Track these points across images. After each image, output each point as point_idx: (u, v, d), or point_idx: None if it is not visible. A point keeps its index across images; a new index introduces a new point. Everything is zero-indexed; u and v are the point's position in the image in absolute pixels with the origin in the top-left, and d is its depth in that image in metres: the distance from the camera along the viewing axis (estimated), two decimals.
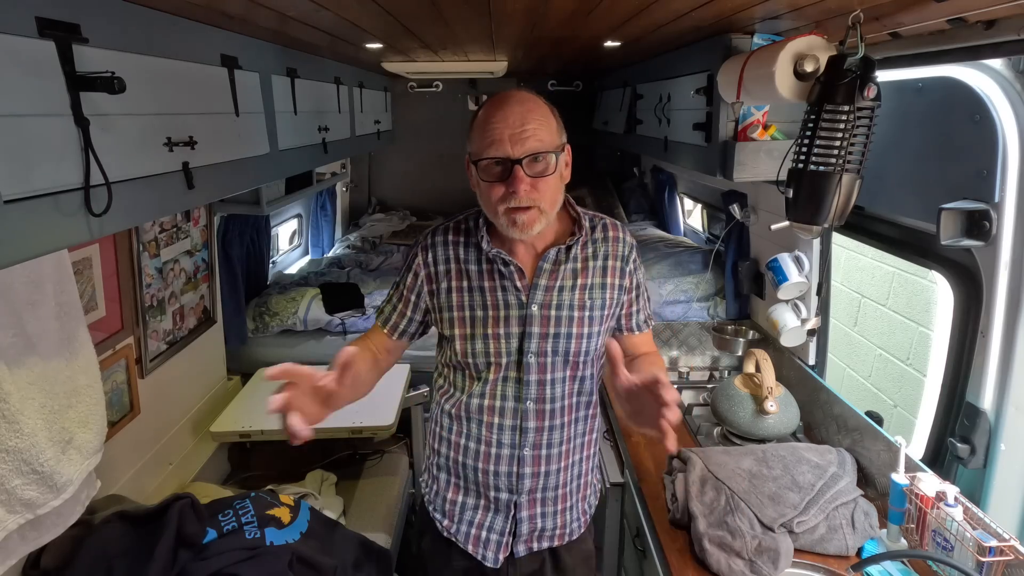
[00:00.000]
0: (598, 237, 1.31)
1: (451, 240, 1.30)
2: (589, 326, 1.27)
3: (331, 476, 2.22)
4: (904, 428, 2.21)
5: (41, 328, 1.26)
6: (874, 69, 1.19)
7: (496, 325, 1.25)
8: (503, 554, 1.33)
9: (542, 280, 1.25)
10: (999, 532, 1.22)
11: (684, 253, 2.91)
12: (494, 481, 1.31)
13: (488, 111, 1.17)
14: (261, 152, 1.61)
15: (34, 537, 1.26)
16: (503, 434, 1.29)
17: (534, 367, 1.26)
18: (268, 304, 2.65)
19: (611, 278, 1.30)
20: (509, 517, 1.32)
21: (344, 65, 2.49)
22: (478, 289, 1.26)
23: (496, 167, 1.15)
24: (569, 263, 1.27)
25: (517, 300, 1.25)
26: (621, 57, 2.50)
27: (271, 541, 1.50)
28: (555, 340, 1.25)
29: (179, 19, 1.22)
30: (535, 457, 1.30)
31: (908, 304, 2.26)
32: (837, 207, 1.26)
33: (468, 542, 1.34)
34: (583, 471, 1.38)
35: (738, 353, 2.41)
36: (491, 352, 1.26)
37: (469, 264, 1.28)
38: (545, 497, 1.33)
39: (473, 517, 1.35)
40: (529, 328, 1.25)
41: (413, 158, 4.11)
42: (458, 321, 1.27)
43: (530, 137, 1.13)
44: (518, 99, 1.17)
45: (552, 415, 1.29)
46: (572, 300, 1.26)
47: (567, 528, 1.37)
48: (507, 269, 1.25)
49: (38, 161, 0.84)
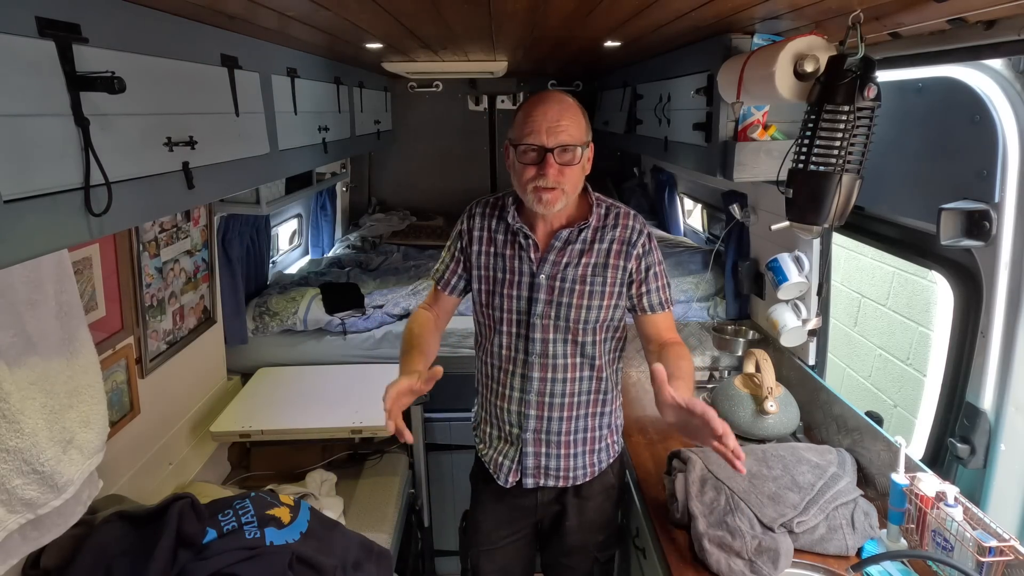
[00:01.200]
0: (609, 223, 1.50)
1: (487, 212, 1.56)
2: (588, 299, 1.48)
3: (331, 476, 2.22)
4: (904, 428, 2.21)
5: (41, 328, 1.26)
6: (874, 69, 1.19)
7: (511, 287, 1.51)
8: (513, 478, 1.59)
9: (551, 255, 1.48)
10: (999, 532, 1.22)
11: (684, 253, 2.91)
12: (507, 417, 1.57)
13: (532, 104, 1.40)
14: (261, 152, 1.61)
15: (35, 537, 1.26)
16: (514, 379, 1.55)
17: (538, 327, 1.49)
18: (268, 304, 2.65)
19: (615, 259, 1.48)
20: (518, 449, 1.57)
21: (344, 65, 2.49)
22: (501, 255, 1.53)
23: (532, 152, 1.38)
24: (578, 243, 1.49)
25: (529, 269, 1.49)
26: (621, 57, 2.50)
27: (271, 541, 1.50)
28: (557, 307, 1.48)
29: (179, 19, 1.22)
30: (539, 403, 1.53)
31: (908, 304, 2.26)
32: (837, 207, 1.26)
33: (490, 464, 1.63)
34: (589, 427, 1.58)
35: (738, 353, 2.41)
36: (504, 308, 1.52)
37: (498, 234, 1.53)
38: (548, 439, 1.56)
39: (496, 444, 1.63)
40: (536, 294, 1.48)
41: (413, 158, 4.11)
42: (484, 279, 1.55)
43: (563, 132, 1.36)
44: (557, 99, 1.40)
45: (554, 369, 1.52)
46: (575, 275, 1.48)
47: (571, 473, 1.58)
48: (526, 242, 1.49)
49: (38, 161, 0.84)
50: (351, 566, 1.65)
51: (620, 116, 2.86)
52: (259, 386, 2.40)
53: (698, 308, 2.65)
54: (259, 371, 2.53)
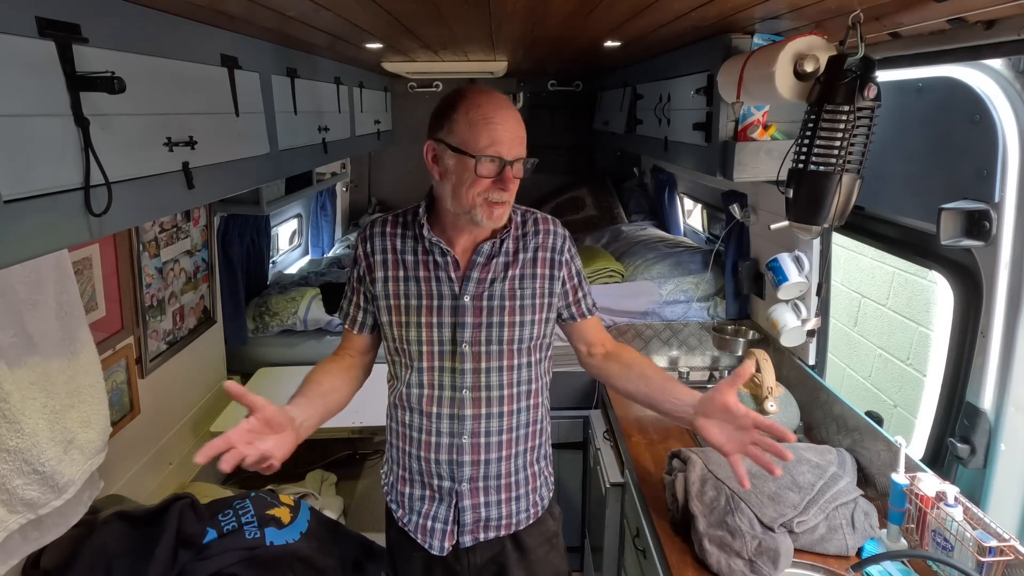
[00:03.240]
0: (528, 231, 1.37)
1: (388, 232, 1.36)
2: (521, 315, 1.34)
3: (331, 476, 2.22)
4: (904, 428, 2.21)
5: (42, 328, 1.26)
6: (874, 69, 1.19)
7: (429, 314, 1.32)
8: (449, 542, 1.37)
9: (474, 272, 1.32)
10: (999, 532, 1.22)
11: (684, 253, 2.91)
12: (436, 469, 1.36)
13: (487, 109, 1.22)
14: (261, 152, 1.61)
15: (36, 537, 1.26)
16: (441, 422, 1.34)
17: (468, 356, 1.32)
18: (268, 304, 2.65)
19: (541, 268, 1.36)
20: (452, 506, 1.37)
21: (344, 65, 2.49)
22: (413, 279, 1.33)
23: (491, 164, 1.22)
24: (501, 256, 1.34)
25: (450, 291, 1.32)
26: (621, 57, 2.50)
27: (271, 541, 1.50)
28: (488, 329, 1.32)
29: (179, 19, 1.22)
30: (474, 445, 1.34)
31: (908, 304, 2.26)
32: (837, 207, 1.26)
33: (417, 531, 1.39)
34: (528, 462, 1.41)
35: (738, 353, 2.41)
36: (423, 340, 1.33)
37: (405, 254, 1.34)
38: (488, 486, 1.37)
39: (420, 507, 1.39)
40: (462, 319, 1.31)
41: (413, 158, 4.10)
42: (393, 309, 1.34)
43: (520, 143, 1.25)
44: (507, 103, 1.26)
45: (489, 403, 1.34)
46: (503, 290, 1.33)
47: (513, 518, 1.40)
48: (443, 259, 1.32)
49: (38, 161, 0.84)
50: (351, 566, 1.65)
51: (620, 116, 2.86)
52: (259, 386, 2.40)
53: (698, 308, 2.65)
54: (259, 371, 2.53)
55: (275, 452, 1.09)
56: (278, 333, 2.64)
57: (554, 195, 3.95)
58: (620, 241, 3.33)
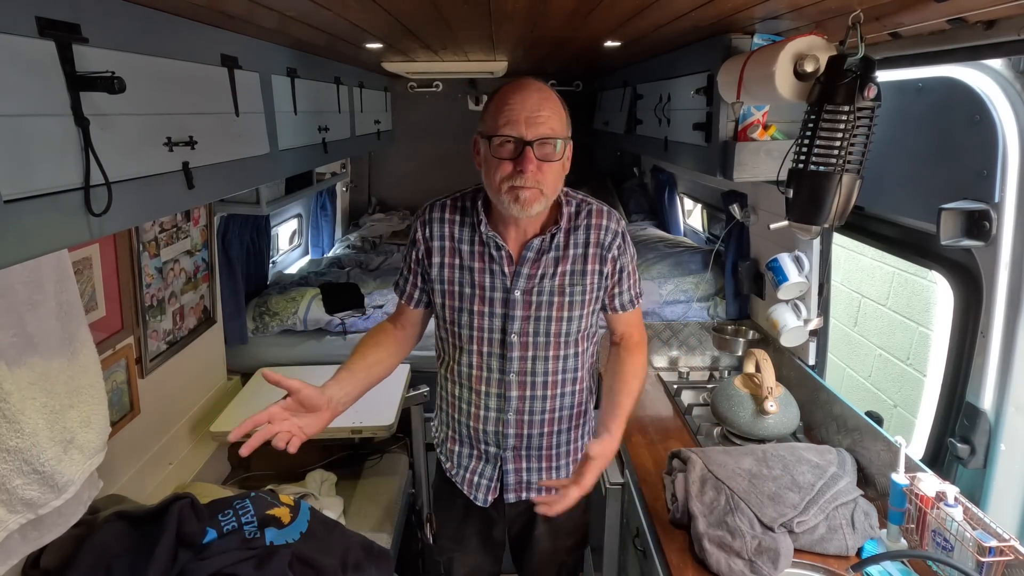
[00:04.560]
0: (581, 224, 1.37)
1: (447, 218, 1.39)
2: (569, 310, 1.38)
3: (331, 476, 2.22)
4: (904, 428, 2.21)
5: (42, 328, 1.26)
6: (874, 69, 1.19)
7: (482, 303, 1.37)
8: (492, 496, 1.51)
9: (525, 268, 1.35)
10: (999, 532, 1.22)
11: (684, 253, 2.91)
12: (483, 436, 1.47)
13: (507, 92, 1.25)
14: (261, 152, 1.61)
15: (35, 537, 1.26)
16: (489, 399, 1.43)
17: (516, 345, 1.38)
18: (268, 304, 2.65)
19: (592, 264, 1.37)
20: (497, 467, 1.49)
21: (344, 65, 2.49)
22: (468, 268, 1.37)
23: (508, 145, 1.22)
24: (551, 252, 1.36)
25: (502, 284, 1.35)
26: (621, 57, 2.50)
27: (271, 541, 1.50)
28: (536, 322, 1.37)
29: (179, 19, 1.22)
30: (518, 421, 1.44)
31: (908, 304, 2.26)
32: (837, 207, 1.26)
33: (464, 484, 1.53)
34: (571, 438, 1.51)
35: (738, 353, 2.41)
36: (475, 326, 1.39)
37: (462, 244, 1.37)
38: (530, 455, 1.48)
39: (468, 463, 1.52)
40: (512, 311, 1.36)
41: (413, 158, 4.11)
42: (448, 294, 1.39)
43: (543, 123, 1.21)
44: (536, 87, 1.25)
45: (534, 387, 1.41)
46: (552, 286, 1.36)
47: None
48: (498, 253, 1.35)
49: (38, 161, 0.84)
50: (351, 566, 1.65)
51: (620, 116, 2.86)
52: (259, 386, 2.40)
53: (698, 308, 2.65)
54: (259, 371, 2.52)
55: (307, 429, 1.20)
56: (278, 333, 2.64)
57: None
58: None
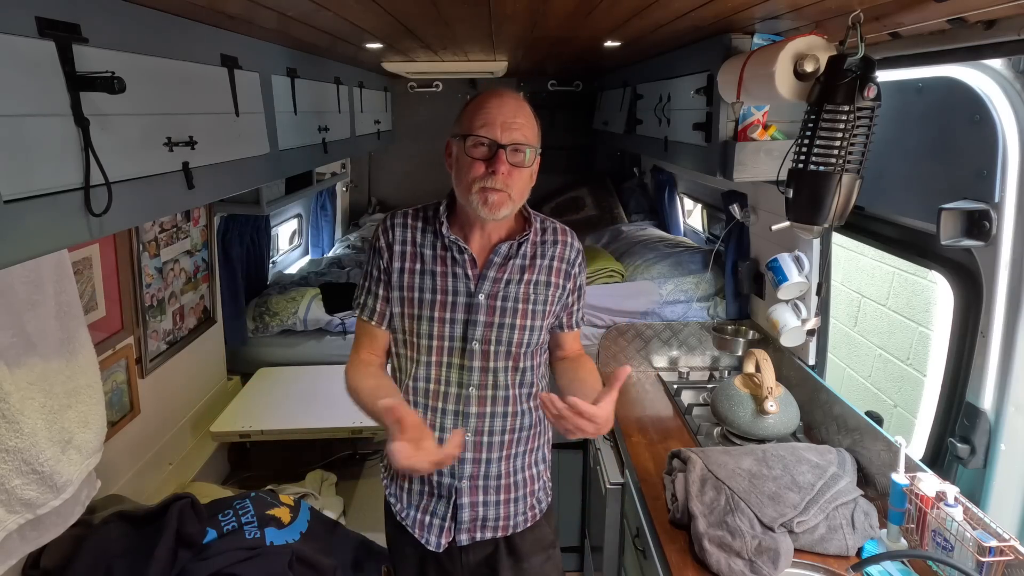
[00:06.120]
0: (547, 239, 1.39)
1: (410, 224, 1.36)
2: (532, 319, 1.35)
3: (331, 476, 2.22)
4: (904, 428, 2.21)
5: (41, 328, 1.26)
6: (874, 69, 1.19)
7: (443, 309, 1.32)
8: (446, 539, 1.38)
9: (491, 272, 1.33)
10: (999, 532, 1.22)
11: (684, 253, 2.91)
12: None
13: (485, 97, 1.27)
14: (261, 152, 1.61)
15: (34, 537, 1.26)
16: (445, 418, 1.35)
17: (478, 354, 1.33)
18: (268, 304, 2.65)
19: (556, 278, 1.38)
20: (450, 503, 1.37)
21: (344, 65, 2.49)
22: (430, 273, 1.33)
23: (483, 147, 1.24)
24: (518, 258, 1.35)
25: (466, 288, 1.32)
26: (621, 57, 2.50)
27: (271, 541, 1.50)
28: (499, 329, 1.33)
29: (179, 19, 1.22)
30: (476, 443, 1.35)
31: (908, 304, 2.26)
32: (837, 207, 1.26)
33: (415, 527, 1.40)
34: (527, 464, 1.42)
35: (738, 353, 2.41)
36: (434, 334, 1.33)
37: (424, 248, 1.34)
38: (487, 485, 1.38)
39: (419, 501, 1.40)
40: (475, 316, 1.32)
41: (413, 158, 4.11)
42: (407, 301, 1.34)
43: (517, 129, 1.24)
44: (514, 96, 1.29)
45: (495, 402, 1.36)
46: (517, 293, 1.34)
47: (511, 520, 1.40)
48: (461, 256, 1.32)
49: (38, 161, 0.84)
50: (351, 566, 1.65)
51: (620, 116, 2.86)
52: (259, 386, 2.40)
53: (698, 308, 2.65)
54: (259, 371, 2.53)
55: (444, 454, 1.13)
56: (278, 333, 2.64)
57: (554, 195, 3.95)
58: (620, 241, 3.33)
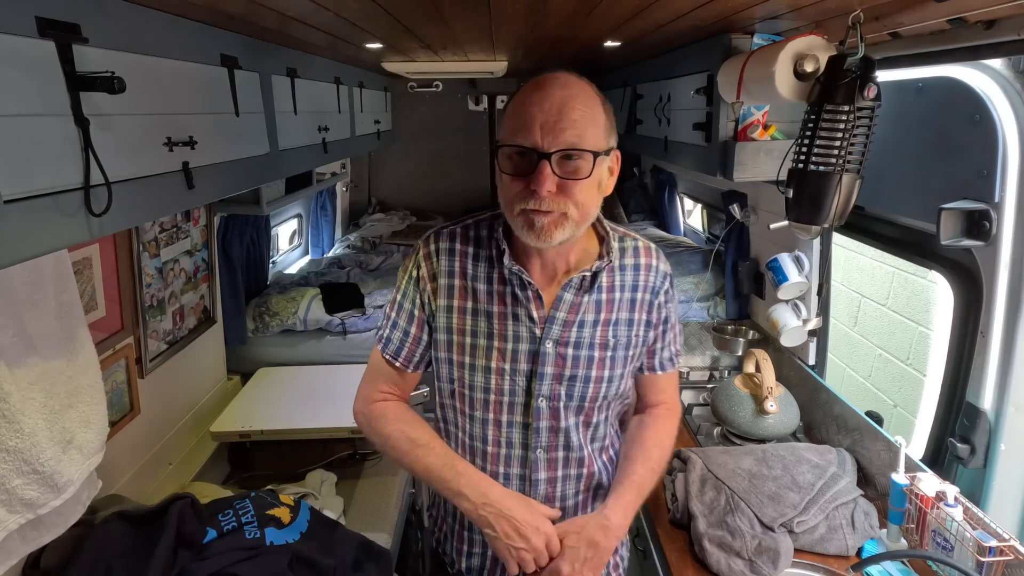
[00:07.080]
0: (627, 263, 1.12)
1: (458, 249, 1.10)
2: (611, 368, 1.10)
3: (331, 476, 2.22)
4: (904, 428, 2.21)
5: (41, 328, 1.26)
6: (874, 69, 1.19)
7: (501, 359, 1.07)
8: None
9: (560, 313, 1.07)
10: (999, 532, 1.22)
11: (684, 253, 2.91)
12: None
13: (526, 90, 0.99)
14: (261, 152, 1.61)
15: (35, 537, 1.26)
16: (510, 483, 1.12)
17: (545, 412, 1.09)
18: (268, 304, 2.65)
19: (639, 313, 1.12)
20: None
21: (344, 65, 2.49)
22: (484, 314, 1.07)
23: (519, 157, 0.96)
24: (594, 293, 1.08)
25: (529, 333, 1.07)
26: (621, 57, 2.50)
27: (271, 541, 1.50)
28: (571, 383, 1.09)
29: (179, 19, 1.22)
30: None
31: (908, 304, 2.26)
32: (837, 207, 1.26)
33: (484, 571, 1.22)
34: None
35: (738, 353, 2.41)
36: (492, 388, 1.08)
37: (478, 282, 1.08)
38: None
39: (483, 562, 1.20)
40: (541, 368, 1.07)
41: (413, 158, 4.12)
42: (456, 347, 1.10)
43: (567, 129, 0.94)
44: (562, 82, 0.97)
45: (567, 464, 1.12)
46: (593, 338, 1.08)
47: None
48: (524, 293, 1.06)
49: (38, 161, 0.84)
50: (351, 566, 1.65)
51: (620, 116, 2.86)
52: (259, 386, 2.40)
53: (698, 308, 2.65)
54: (259, 371, 2.53)
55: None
56: (278, 333, 2.64)
57: None
58: None
